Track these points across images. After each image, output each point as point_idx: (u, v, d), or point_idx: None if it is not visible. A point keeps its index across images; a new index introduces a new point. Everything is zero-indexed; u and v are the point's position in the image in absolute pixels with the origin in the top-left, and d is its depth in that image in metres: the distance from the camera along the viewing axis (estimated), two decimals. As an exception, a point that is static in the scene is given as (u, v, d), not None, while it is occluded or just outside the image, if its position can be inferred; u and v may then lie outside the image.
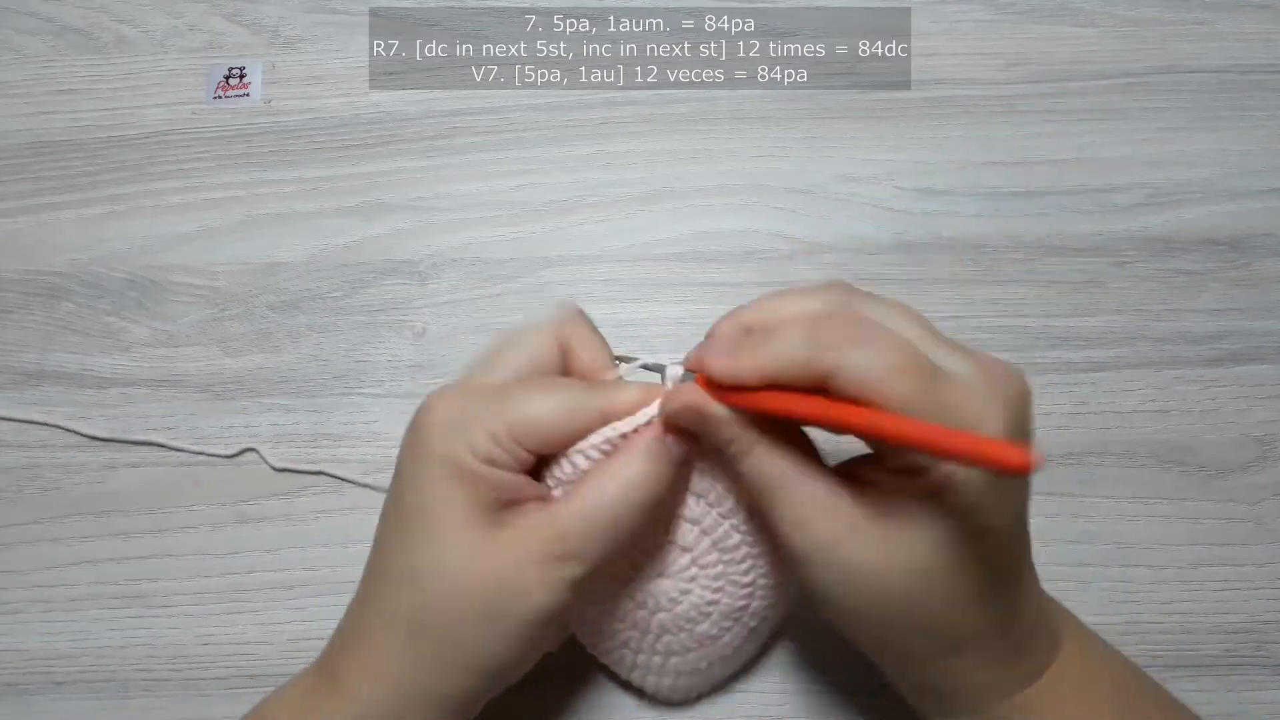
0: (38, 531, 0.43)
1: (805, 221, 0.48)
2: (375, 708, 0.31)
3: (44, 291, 0.47)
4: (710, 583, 0.35)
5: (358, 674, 0.31)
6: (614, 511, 0.30)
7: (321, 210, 0.48)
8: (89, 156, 0.49)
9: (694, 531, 0.34)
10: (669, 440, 0.31)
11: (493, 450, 0.30)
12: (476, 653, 0.30)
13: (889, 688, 0.34)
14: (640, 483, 0.30)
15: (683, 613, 0.35)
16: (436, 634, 0.30)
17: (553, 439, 0.31)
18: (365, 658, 0.31)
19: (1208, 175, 0.48)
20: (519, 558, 0.30)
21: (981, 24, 0.51)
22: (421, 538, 0.31)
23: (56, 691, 0.41)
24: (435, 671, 0.31)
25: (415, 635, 0.31)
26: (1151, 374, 0.45)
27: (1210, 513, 0.43)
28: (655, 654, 0.37)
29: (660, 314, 0.46)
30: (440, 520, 0.30)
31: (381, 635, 0.31)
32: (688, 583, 0.35)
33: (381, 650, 0.31)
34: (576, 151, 0.49)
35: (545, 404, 0.31)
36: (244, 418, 0.45)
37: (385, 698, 0.31)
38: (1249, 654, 0.41)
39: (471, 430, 0.30)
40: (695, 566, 0.34)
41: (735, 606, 0.35)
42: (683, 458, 0.31)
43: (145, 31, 0.52)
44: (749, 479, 0.30)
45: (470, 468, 0.30)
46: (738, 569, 0.34)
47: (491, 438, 0.30)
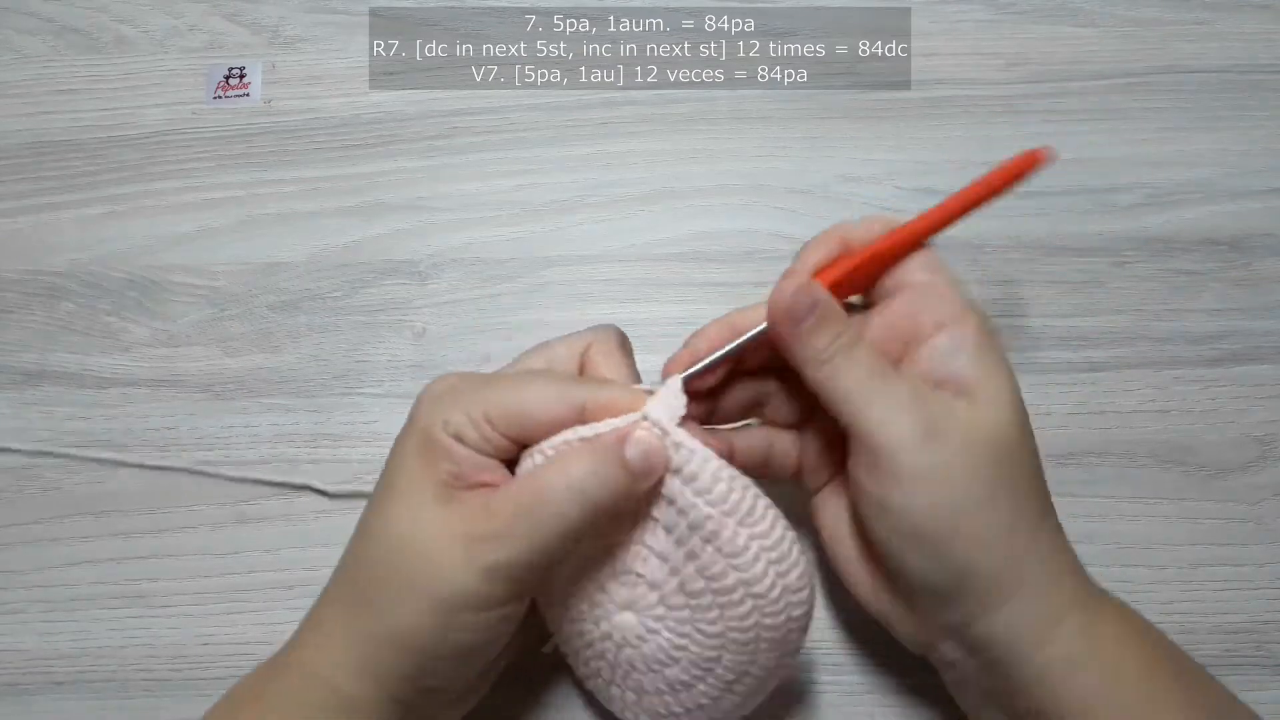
0: (38, 531, 0.43)
1: (805, 221, 0.48)
2: (316, 668, 0.31)
3: (44, 291, 0.47)
4: (677, 627, 0.33)
5: (306, 638, 0.32)
6: (550, 502, 0.30)
7: (321, 210, 0.48)
8: (89, 156, 0.49)
9: (664, 569, 0.32)
10: (630, 446, 0.30)
11: (464, 428, 0.31)
12: (396, 622, 0.30)
13: (891, 688, 0.34)
14: (584, 482, 0.30)
15: (650, 653, 0.34)
16: (366, 596, 0.31)
17: (529, 427, 0.31)
18: (314, 623, 0.32)
19: (1208, 175, 0.48)
20: (444, 531, 0.30)
21: (981, 24, 0.51)
22: (377, 501, 0.32)
23: (56, 691, 0.41)
24: (364, 636, 0.31)
25: (351, 595, 0.32)
26: (1151, 374, 0.45)
27: (1210, 513, 0.43)
28: (627, 689, 0.35)
29: (660, 314, 0.46)
30: (396, 486, 0.31)
31: (330, 597, 0.33)
32: (655, 622, 0.33)
33: (327, 611, 0.32)
34: (576, 151, 0.49)
35: (524, 391, 0.31)
36: (244, 418, 0.45)
37: (325, 660, 0.31)
38: (1249, 654, 0.41)
39: (450, 407, 0.31)
40: (663, 607, 0.33)
41: (705, 657, 0.33)
42: (642, 466, 0.30)
43: (145, 31, 0.52)
44: (845, 379, 0.31)
45: (435, 439, 0.31)
46: (704, 617, 0.32)
47: (467, 416, 0.31)
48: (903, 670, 0.40)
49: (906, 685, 0.40)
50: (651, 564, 0.32)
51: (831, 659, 0.41)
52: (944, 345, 0.32)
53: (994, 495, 0.31)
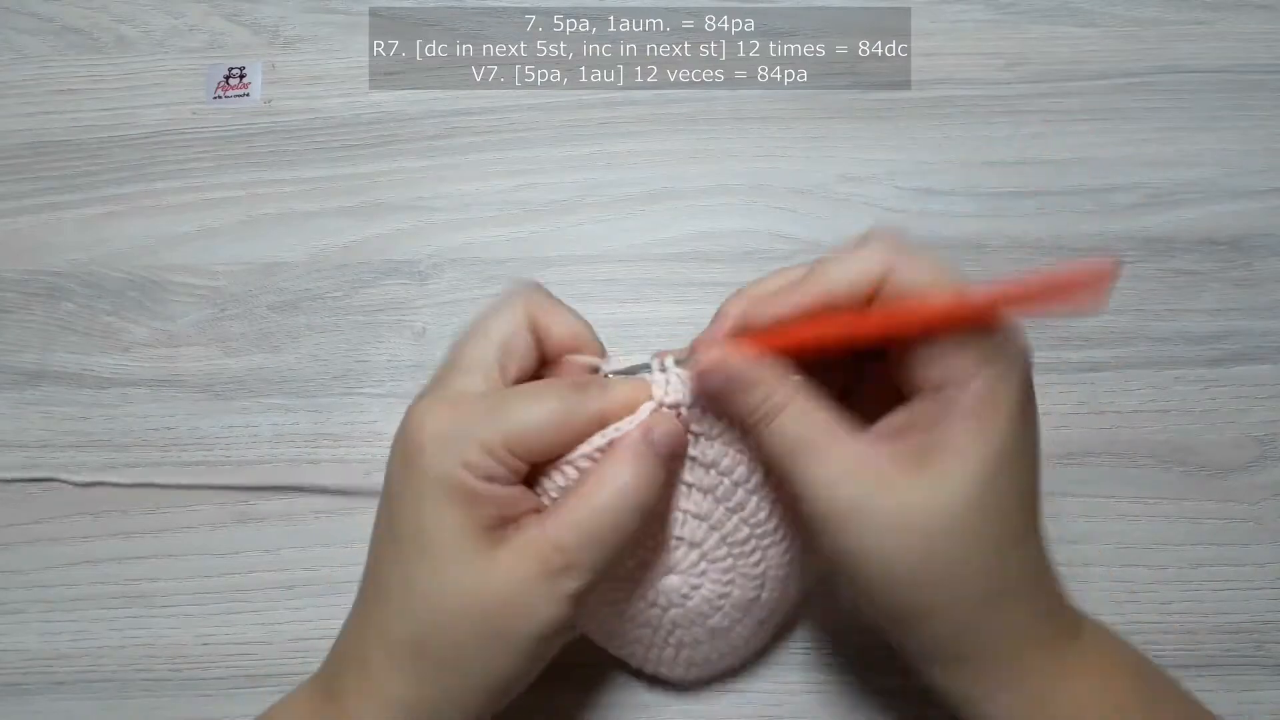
0: (37, 531, 0.43)
1: (805, 221, 0.48)
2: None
3: (44, 291, 0.47)
4: (720, 576, 0.35)
5: (361, 698, 0.31)
6: (608, 519, 0.30)
7: (321, 210, 0.48)
8: (89, 156, 0.49)
9: (703, 528, 0.34)
10: (656, 436, 0.30)
11: (489, 465, 0.29)
12: (481, 674, 0.30)
13: (891, 688, 0.34)
14: (632, 487, 0.30)
15: (694, 607, 0.35)
16: (438, 657, 0.30)
17: (548, 447, 0.30)
18: (368, 681, 0.31)
19: (1208, 175, 0.48)
20: (519, 576, 0.29)
21: (981, 24, 0.51)
22: (419, 559, 0.30)
23: (56, 691, 0.41)
24: (438, 695, 0.30)
25: (416, 659, 0.30)
26: (1151, 374, 0.45)
27: (1210, 513, 0.43)
28: (668, 647, 0.37)
29: (660, 314, 0.46)
30: (438, 542, 0.30)
31: (382, 658, 0.31)
32: (698, 578, 0.35)
33: (382, 673, 0.31)
34: (576, 151, 0.49)
35: (538, 412, 0.30)
36: (244, 418, 0.45)
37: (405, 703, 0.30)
38: (1249, 654, 0.41)
39: (465, 446, 0.29)
40: (705, 562, 0.34)
41: (746, 599, 0.35)
42: (671, 452, 0.31)
43: (145, 31, 0.52)
44: (779, 441, 0.29)
45: (468, 487, 0.29)
46: (747, 561, 0.34)
47: (486, 452, 0.29)
48: (903, 670, 0.40)
49: (907, 685, 0.40)
50: (689, 525, 0.34)
51: (832, 659, 0.41)
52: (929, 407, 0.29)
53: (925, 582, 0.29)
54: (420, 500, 0.30)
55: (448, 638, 0.30)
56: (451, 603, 0.30)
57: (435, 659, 0.30)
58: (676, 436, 0.31)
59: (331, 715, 0.31)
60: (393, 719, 0.30)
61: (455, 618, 0.30)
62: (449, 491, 0.29)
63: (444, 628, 0.30)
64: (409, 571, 0.30)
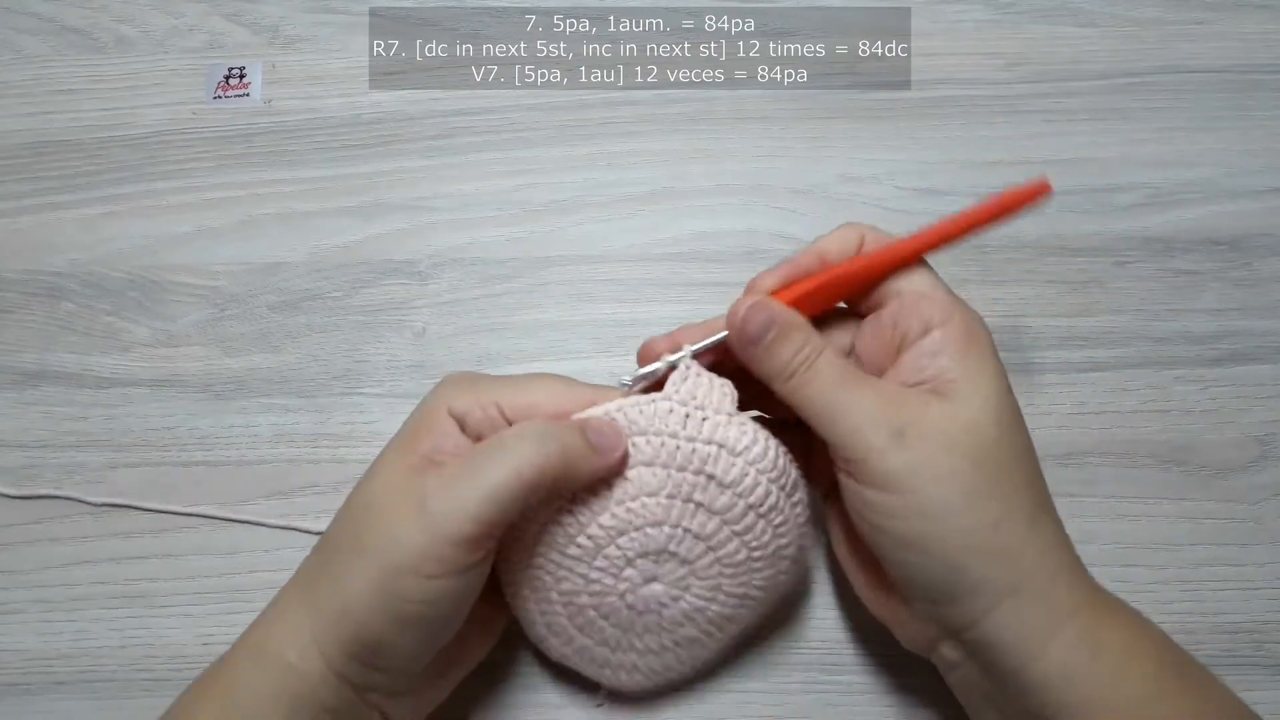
0: (37, 531, 0.43)
1: (805, 221, 0.48)
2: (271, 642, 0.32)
3: (44, 291, 0.47)
4: (704, 592, 0.35)
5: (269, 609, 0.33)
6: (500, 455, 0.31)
7: (321, 210, 0.48)
8: (89, 156, 0.49)
9: (700, 547, 0.34)
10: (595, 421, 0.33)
11: (471, 410, 0.33)
12: (345, 591, 0.31)
13: (890, 688, 0.34)
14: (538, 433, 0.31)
15: (670, 615, 0.35)
16: (325, 567, 0.32)
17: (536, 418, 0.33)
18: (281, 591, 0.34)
19: (1208, 175, 0.48)
20: (405, 495, 0.31)
21: (981, 24, 0.51)
22: (366, 473, 0.34)
23: (56, 691, 0.41)
24: (316, 608, 0.32)
25: (314, 567, 0.33)
26: (1151, 374, 0.45)
27: (1210, 513, 0.43)
28: (632, 652, 0.37)
29: (660, 314, 0.46)
30: (381, 457, 0.33)
31: (301, 566, 0.34)
32: (681, 590, 0.35)
33: (292, 582, 0.34)
34: (576, 151, 0.49)
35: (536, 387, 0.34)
36: (244, 418, 0.45)
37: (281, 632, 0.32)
38: (1249, 654, 0.41)
39: (463, 392, 0.33)
40: (693, 577, 0.35)
41: (723, 615, 0.36)
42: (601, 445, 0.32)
43: (145, 31, 0.52)
44: (823, 380, 0.32)
45: (433, 414, 0.33)
46: (734, 581, 0.35)
47: (477, 401, 0.33)
48: (903, 670, 0.40)
49: (906, 685, 0.40)
50: (686, 543, 0.34)
51: (831, 659, 0.41)
52: (927, 346, 0.32)
53: (976, 493, 0.30)
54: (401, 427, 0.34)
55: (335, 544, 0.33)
56: (351, 510, 0.33)
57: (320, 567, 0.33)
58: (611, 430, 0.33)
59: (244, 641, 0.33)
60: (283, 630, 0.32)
61: (346, 525, 0.33)
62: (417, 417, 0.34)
63: (335, 535, 0.33)
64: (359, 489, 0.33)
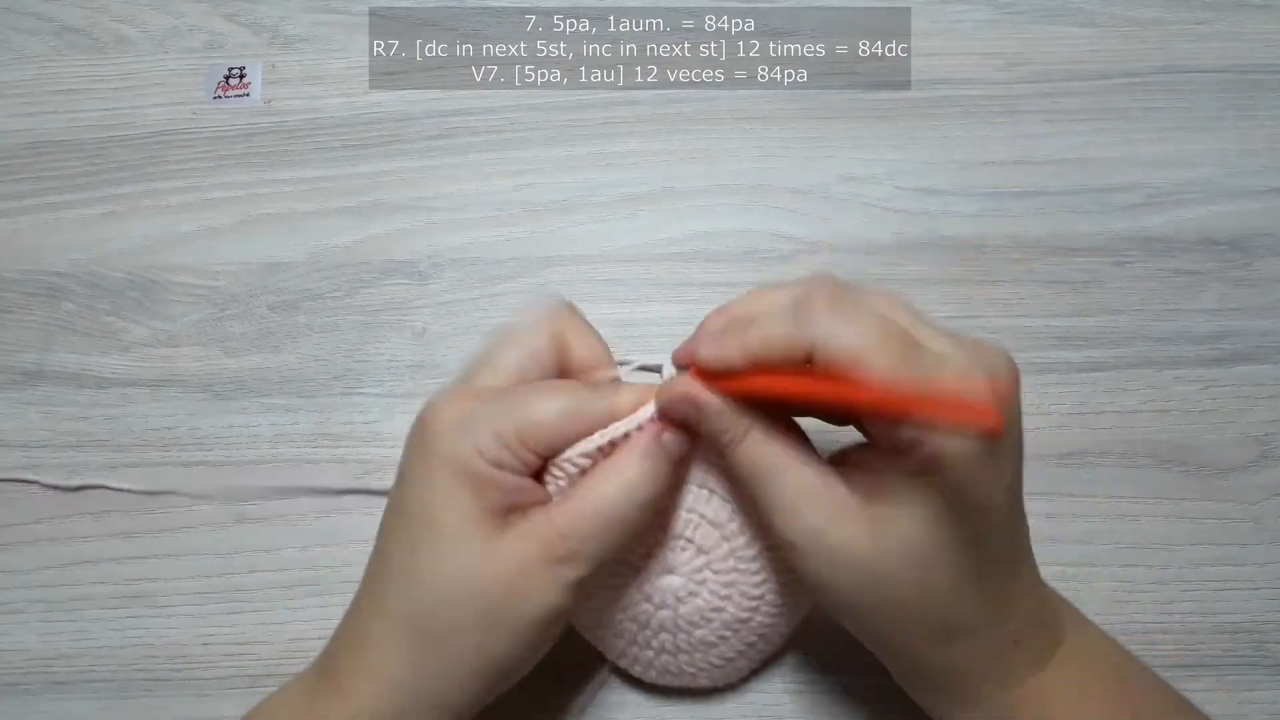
0: (38, 531, 0.43)
1: (805, 221, 0.48)
2: (375, 707, 0.31)
3: (44, 291, 0.47)
4: (719, 589, 0.35)
5: (357, 675, 0.31)
6: (613, 512, 0.30)
7: (321, 210, 0.48)
8: (89, 156, 0.49)
9: (714, 535, 0.34)
10: (666, 438, 0.31)
11: (500, 453, 0.30)
12: (476, 655, 0.30)
13: (889, 688, 0.34)
14: (638, 483, 0.31)
15: (686, 614, 0.35)
16: (438, 638, 0.30)
17: (558, 441, 0.31)
18: (366, 658, 0.31)
19: (1208, 175, 0.48)
20: (521, 561, 0.30)
21: (981, 24, 0.51)
22: (426, 540, 0.31)
23: (56, 691, 0.41)
24: (436, 675, 0.31)
25: (417, 638, 0.31)
26: (1151, 374, 0.45)
27: (1210, 513, 0.43)
28: (648, 648, 0.37)
29: (660, 314, 0.46)
30: (445, 523, 0.30)
31: (383, 636, 0.31)
32: (697, 585, 0.35)
33: (382, 651, 0.31)
34: (576, 151, 0.49)
35: (551, 406, 0.31)
36: (244, 418, 0.45)
37: (385, 699, 0.31)
38: (1249, 654, 0.41)
39: (479, 432, 0.30)
40: (709, 570, 0.35)
41: (738, 618, 0.35)
42: (679, 455, 0.32)
43: (145, 31, 0.52)
44: (741, 467, 0.31)
45: (478, 471, 0.30)
46: (750, 581, 0.35)
47: (499, 440, 0.30)
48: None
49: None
50: (702, 530, 0.34)
51: (831, 659, 0.41)
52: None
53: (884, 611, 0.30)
54: (431, 481, 0.30)
55: (446, 616, 0.30)
56: (453, 582, 0.30)
57: (433, 637, 0.31)
58: (685, 440, 0.32)
59: (325, 691, 0.32)
60: (387, 696, 0.31)
61: (455, 597, 0.30)
62: (459, 473, 0.30)
63: (444, 606, 0.30)
64: (414, 549, 0.31)
